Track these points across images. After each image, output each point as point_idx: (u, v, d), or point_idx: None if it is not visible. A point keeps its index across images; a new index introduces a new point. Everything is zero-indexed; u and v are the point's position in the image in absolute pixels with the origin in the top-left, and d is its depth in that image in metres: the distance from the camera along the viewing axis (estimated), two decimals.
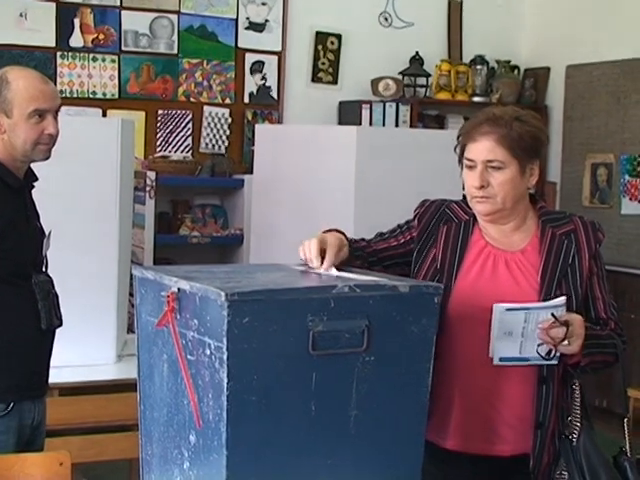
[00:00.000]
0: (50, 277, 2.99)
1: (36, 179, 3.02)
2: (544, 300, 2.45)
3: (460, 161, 2.53)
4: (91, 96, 6.07)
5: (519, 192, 2.50)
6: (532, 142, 2.48)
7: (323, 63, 6.71)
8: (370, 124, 6.53)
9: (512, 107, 2.57)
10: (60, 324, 3.00)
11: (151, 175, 5.78)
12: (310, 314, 2.01)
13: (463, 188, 2.57)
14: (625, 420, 2.49)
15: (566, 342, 2.34)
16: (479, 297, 2.47)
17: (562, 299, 2.39)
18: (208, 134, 6.42)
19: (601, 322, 2.54)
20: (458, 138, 2.54)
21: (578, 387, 2.46)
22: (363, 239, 2.60)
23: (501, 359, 2.42)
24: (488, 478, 2.54)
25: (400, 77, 6.81)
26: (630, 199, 6.50)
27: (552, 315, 2.34)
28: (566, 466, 2.43)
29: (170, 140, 6.31)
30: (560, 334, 2.33)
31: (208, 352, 1.98)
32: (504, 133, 2.44)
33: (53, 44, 5.96)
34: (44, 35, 5.92)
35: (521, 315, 2.37)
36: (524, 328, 2.38)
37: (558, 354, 2.40)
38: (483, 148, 2.45)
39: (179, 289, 2.06)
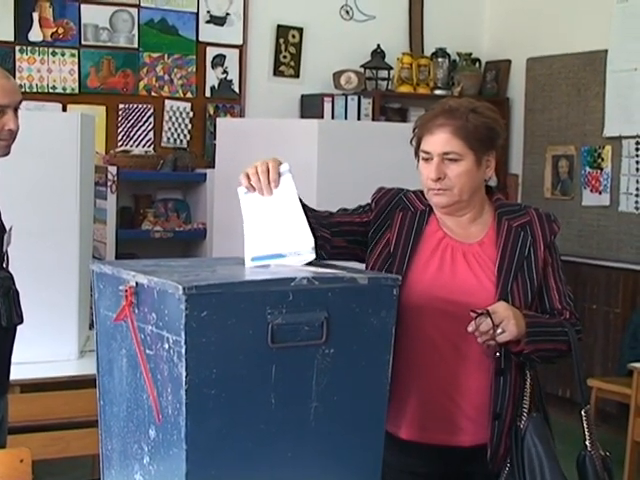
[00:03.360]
0: (10, 273, 2.95)
1: None
2: (501, 293, 2.46)
3: (416, 154, 2.54)
4: (51, 91, 6.03)
5: (475, 183, 2.51)
6: (488, 133, 2.48)
7: (285, 56, 6.70)
8: (332, 117, 6.54)
9: (467, 99, 2.58)
10: (21, 321, 2.97)
11: (112, 170, 5.76)
12: (269, 307, 2.01)
13: None
14: (583, 412, 2.46)
15: (500, 330, 2.34)
16: (439, 290, 2.48)
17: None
18: (170, 128, 6.40)
19: (555, 312, 2.54)
20: (414, 130, 2.54)
21: (529, 377, 2.48)
22: (326, 211, 2.58)
23: (253, 259, 2.31)
24: (446, 467, 2.55)
25: (362, 70, 6.82)
26: (591, 191, 6.55)
27: (472, 311, 2.35)
28: (511, 456, 2.44)
29: (131, 134, 6.28)
30: (489, 324, 2.33)
31: (167, 346, 1.98)
32: (460, 125, 2.44)
33: (12, 38, 5.92)
34: (2, 29, 5.87)
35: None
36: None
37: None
38: (439, 140, 2.45)
39: (137, 283, 2.06)
